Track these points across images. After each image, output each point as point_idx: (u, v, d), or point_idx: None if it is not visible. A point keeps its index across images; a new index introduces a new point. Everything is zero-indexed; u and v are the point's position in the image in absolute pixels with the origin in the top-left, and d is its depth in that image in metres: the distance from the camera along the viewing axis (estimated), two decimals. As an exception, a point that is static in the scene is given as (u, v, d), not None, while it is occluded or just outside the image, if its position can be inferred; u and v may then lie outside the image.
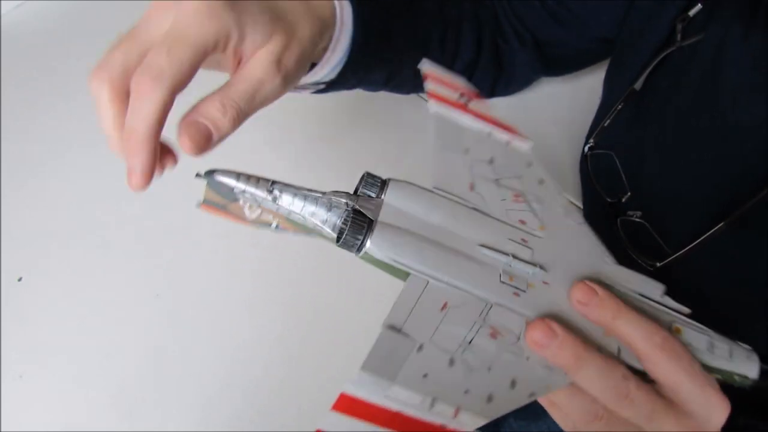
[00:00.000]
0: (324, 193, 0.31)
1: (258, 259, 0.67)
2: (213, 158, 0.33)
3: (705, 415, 0.29)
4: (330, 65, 0.43)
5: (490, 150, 0.36)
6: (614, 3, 0.52)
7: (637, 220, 0.47)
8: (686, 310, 0.32)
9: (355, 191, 0.32)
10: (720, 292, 0.43)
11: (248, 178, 0.31)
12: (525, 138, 0.37)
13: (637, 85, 0.48)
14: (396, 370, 0.28)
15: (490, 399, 0.29)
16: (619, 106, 0.50)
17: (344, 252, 0.31)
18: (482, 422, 0.28)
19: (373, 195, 0.32)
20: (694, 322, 0.32)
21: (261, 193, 0.31)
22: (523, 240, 0.32)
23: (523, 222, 0.33)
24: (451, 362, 0.29)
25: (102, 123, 0.33)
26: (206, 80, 0.33)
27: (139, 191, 0.31)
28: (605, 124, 0.51)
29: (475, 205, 0.33)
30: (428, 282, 0.30)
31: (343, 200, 0.31)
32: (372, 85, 0.52)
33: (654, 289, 0.33)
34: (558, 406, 0.30)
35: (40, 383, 0.59)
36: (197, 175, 0.31)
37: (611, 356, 0.30)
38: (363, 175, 0.32)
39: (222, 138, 0.32)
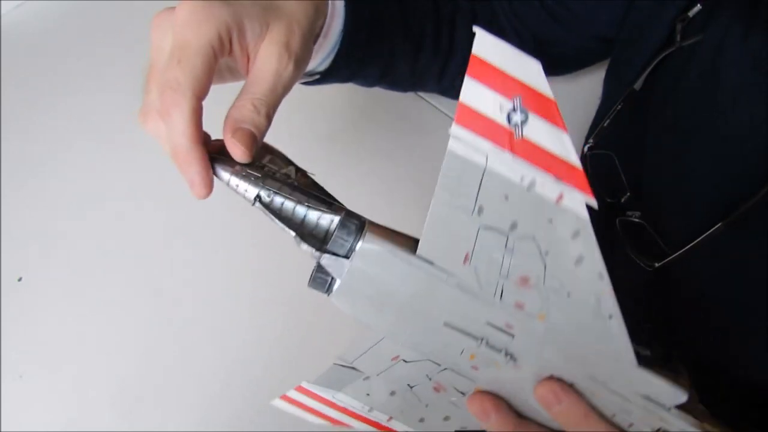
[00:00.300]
0: (296, 234, 0.30)
1: (258, 258, 0.67)
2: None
3: None
4: (322, 53, 0.43)
5: (517, 211, 0.26)
6: (614, 2, 0.52)
7: (636, 220, 0.46)
8: (697, 421, 0.30)
9: (332, 235, 0.29)
10: (719, 293, 0.43)
11: (237, 183, 0.30)
12: (588, 192, 0.26)
13: (637, 86, 0.48)
14: (342, 386, 0.33)
15: (422, 420, 0.32)
16: (619, 107, 0.50)
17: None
18: (411, 431, 0.33)
19: (347, 243, 0.28)
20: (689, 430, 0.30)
21: (248, 199, 0.31)
22: (508, 325, 0.29)
23: (520, 305, 0.28)
24: (393, 393, 0.32)
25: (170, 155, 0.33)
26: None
27: (204, 198, 0.31)
28: (605, 124, 0.51)
29: (461, 283, 0.28)
30: (383, 338, 0.30)
31: (309, 252, 0.29)
32: (366, 79, 0.52)
33: (671, 397, 0.29)
34: None
35: (40, 383, 0.59)
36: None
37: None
38: (341, 219, 0.29)
39: (263, 135, 0.32)
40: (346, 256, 0.28)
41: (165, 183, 0.69)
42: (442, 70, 0.57)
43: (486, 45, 0.23)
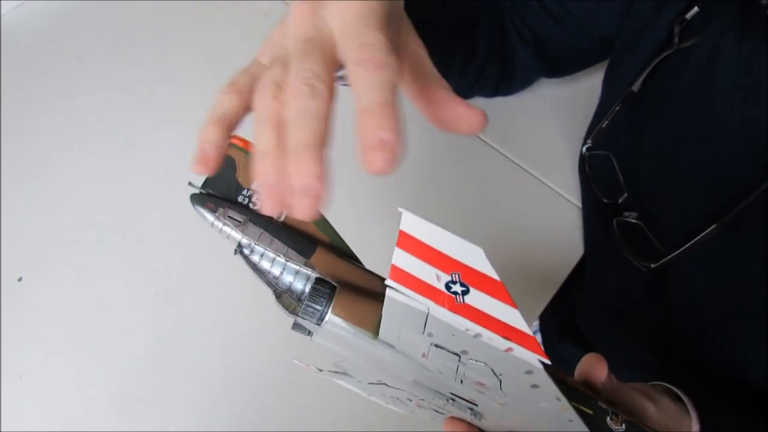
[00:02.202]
0: (273, 291, 0.32)
1: (258, 259, 0.67)
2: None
3: None
4: None
5: (467, 344, 0.25)
6: (613, 4, 0.52)
7: (633, 221, 0.47)
8: None
9: (304, 300, 0.30)
10: (714, 294, 0.44)
11: (223, 224, 0.31)
12: (541, 354, 0.24)
13: (635, 87, 0.49)
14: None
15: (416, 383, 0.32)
16: (617, 108, 0.50)
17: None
18: None
19: (315, 311, 0.30)
20: None
21: (234, 238, 0.31)
22: (472, 399, 0.30)
23: (481, 385, 0.28)
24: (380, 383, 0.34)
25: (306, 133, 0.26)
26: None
27: (388, 173, 0.24)
28: (603, 126, 0.51)
29: (424, 364, 0.28)
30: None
31: (285, 313, 0.31)
32: None
33: None
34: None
35: (40, 383, 0.59)
36: (189, 183, 0.31)
37: None
38: (311, 287, 0.30)
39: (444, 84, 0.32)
40: (318, 322, 0.29)
41: (165, 183, 0.69)
42: (464, 65, 0.57)
43: (414, 225, 0.23)
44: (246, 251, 0.30)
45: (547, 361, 0.25)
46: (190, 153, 0.42)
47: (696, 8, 0.44)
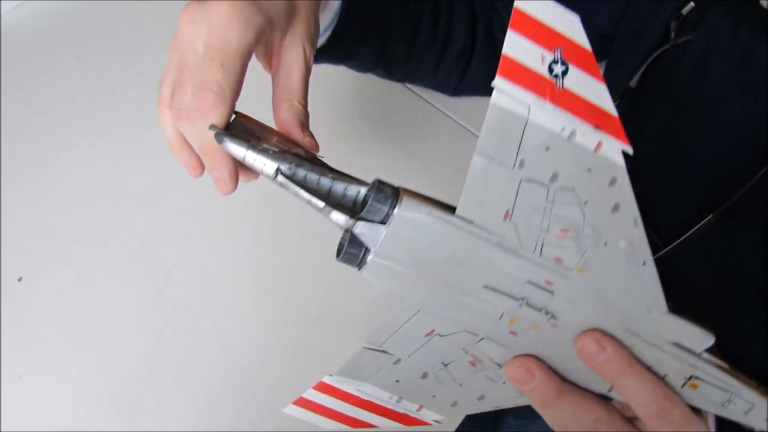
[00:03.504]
0: (323, 209, 0.28)
1: (258, 259, 0.67)
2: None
3: None
4: (321, 26, 0.44)
5: (558, 162, 0.26)
6: (613, 1, 0.52)
7: None
8: (724, 365, 0.30)
9: (363, 202, 0.29)
10: (711, 285, 0.44)
11: (256, 155, 0.29)
12: (623, 139, 0.27)
13: (632, 83, 0.49)
14: (369, 375, 0.30)
15: (454, 404, 0.30)
16: (615, 104, 0.50)
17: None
18: (442, 418, 0.30)
19: (383, 209, 0.27)
20: (723, 377, 0.31)
21: (268, 173, 0.29)
22: (547, 282, 0.28)
23: (559, 260, 0.28)
24: (425, 375, 0.30)
25: (172, 147, 0.35)
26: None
27: (230, 194, 0.33)
28: None
29: (501, 241, 0.27)
30: (418, 311, 0.29)
31: (343, 221, 0.28)
32: (361, 60, 0.52)
33: (698, 340, 0.30)
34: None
35: (40, 383, 0.59)
36: (211, 127, 0.30)
37: (593, 396, 0.30)
38: (373, 183, 0.28)
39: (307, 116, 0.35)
40: (383, 222, 0.27)
41: (165, 183, 0.69)
42: (439, 60, 0.57)
43: (524, 15, 0.24)
44: (288, 172, 0.29)
45: (630, 150, 0.27)
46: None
47: (692, 3, 0.45)
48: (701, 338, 0.29)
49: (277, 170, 0.29)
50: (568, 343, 0.29)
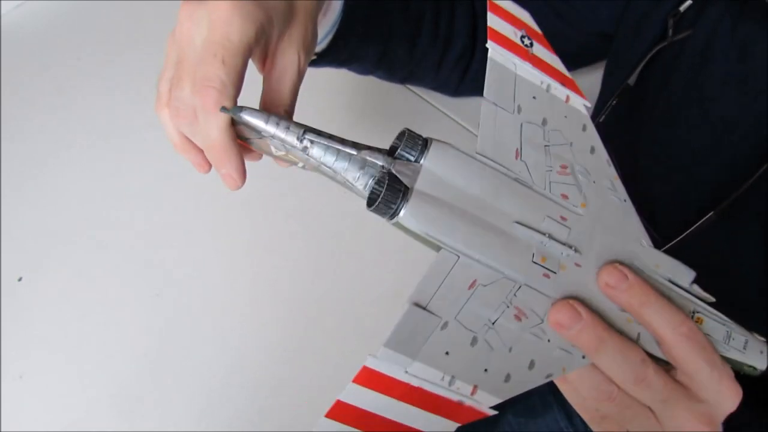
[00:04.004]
0: (358, 150, 0.30)
1: (258, 259, 0.67)
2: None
3: (716, 403, 0.29)
4: (321, 31, 0.43)
5: (544, 109, 0.33)
6: (613, 0, 0.52)
7: None
8: (711, 298, 0.32)
9: (392, 149, 0.30)
10: (712, 282, 0.44)
11: (278, 122, 0.30)
12: (582, 95, 0.35)
13: (631, 81, 0.49)
14: (418, 347, 0.28)
15: (507, 378, 0.29)
16: (614, 102, 0.50)
17: (344, 252, 0.31)
18: (497, 401, 0.29)
19: (413, 156, 0.29)
20: (716, 313, 0.32)
21: (291, 141, 0.30)
22: (562, 218, 0.31)
23: (565, 196, 0.31)
24: (474, 341, 0.29)
25: (176, 147, 0.35)
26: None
27: (239, 189, 0.33)
28: (600, 120, 0.51)
29: (518, 176, 0.31)
30: (459, 258, 0.29)
31: (380, 162, 0.29)
32: (363, 62, 0.52)
33: (684, 275, 0.32)
34: (570, 383, 0.30)
35: (40, 383, 0.59)
36: (222, 108, 0.30)
37: (631, 341, 0.30)
38: (403, 132, 0.30)
39: None
40: (419, 157, 0.29)
41: (165, 182, 0.69)
42: (440, 60, 0.57)
43: (497, 5, 0.34)
44: (310, 137, 0.30)
45: (588, 104, 0.35)
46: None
47: (689, 1, 0.45)
48: (686, 273, 0.32)
49: (305, 130, 0.30)
50: (593, 284, 0.31)
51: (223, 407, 0.60)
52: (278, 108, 0.34)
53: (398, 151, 0.30)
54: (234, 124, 0.31)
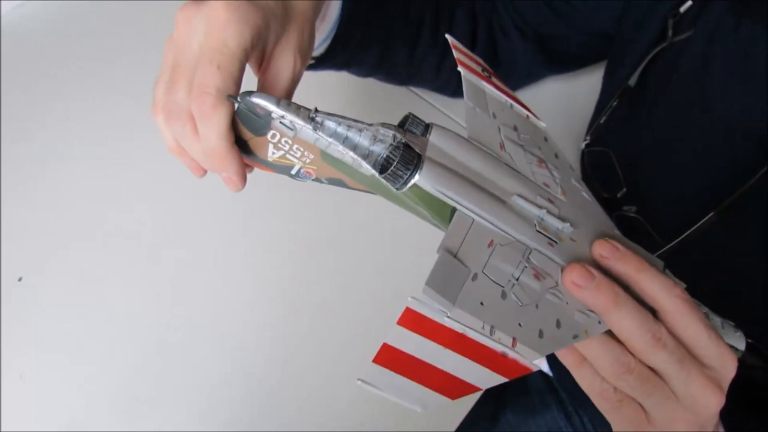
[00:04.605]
0: (370, 125, 0.31)
1: (258, 259, 0.67)
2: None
3: (720, 367, 0.30)
4: (320, 36, 0.43)
5: (513, 119, 0.37)
6: (614, 1, 0.52)
7: (632, 215, 0.47)
8: (683, 284, 0.33)
9: (401, 125, 0.33)
10: (712, 283, 0.44)
11: (288, 104, 0.30)
12: (537, 118, 0.39)
13: (631, 82, 0.49)
14: (455, 293, 0.28)
15: (541, 335, 0.29)
16: (614, 103, 0.50)
17: (344, 251, 0.31)
18: (537, 357, 0.29)
19: (421, 125, 0.32)
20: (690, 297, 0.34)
21: (301, 121, 0.30)
22: (550, 200, 0.33)
23: (547, 185, 0.34)
24: (503, 295, 0.29)
25: (172, 151, 0.35)
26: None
27: (240, 191, 0.33)
28: (601, 121, 0.51)
29: (507, 162, 0.33)
30: (474, 220, 0.31)
31: (391, 133, 0.31)
32: (362, 66, 0.52)
33: (655, 262, 0.33)
34: (586, 363, 0.31)
35: (40, 383, 0.59)
36: (229, 97, 0.30)
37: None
38: (407, 116, 0.32)
39: None
40: (425, 132, 0.32)
41: (166, 183, 0.69)
42: (440, 63, 0.57)
43: (454, 39, 0.39)
44: (320, 118, 0.30)
45: (544, 124, 0.39)
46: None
47: (690, 1, 0.45)
48: (657, 261, 0.34)
49: (315, 109, 0.30)
50: (587, 258, 0.32)
51: (223, 407, 0.60)
52: None
53: (406, 125, 0.32)
54: (233, 123, 0.31)
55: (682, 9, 0.45)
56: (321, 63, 0.46)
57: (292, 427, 0.60)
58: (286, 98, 0.31)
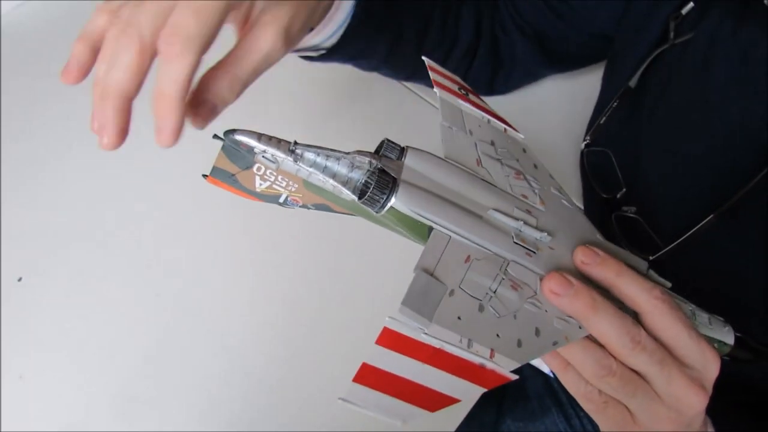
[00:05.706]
0: (347, 153, 0.32)
1: (258, 259, 0.67)
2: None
3: (701, 367, 0.30)
4: (331, 26, 0.43)
5: (490, 134, 0.38)
6: (613, 1, 0.52)
7: (632, 215, 0.47)
8: (668, 283, 0.34)
9: (376, 152, 0.33)
10: (713, 286, 0.44)
11: (269, 138, 0.31)
12: (516, 130, 0.40)
13: (632, 83, 0.49)
14: (432, 309, 0.29)
15: (519, 344, 0.30)
16: (614, 104, 0.50)
17: (344, 251, 0.31)
18: (516, 365, 0.29)
19: (394, 157, 0.33)
20: (676, 294, 0.34)
21: (282, 154, 0.31)
22: (528, 211, 0.34)
23: (525, 196, 0.35)
24: (481, 308, 0.30)
25: (120, 78, 0.32)
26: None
27: (169, 147, 0.31)
28: (601, 122, 0.51)
29: (484, 177, 0.34)
30: (450, 237, 0.31)
31: (367, 159, 0.32)
32: (371, 58, 0.52)
33: (639, 263, 0.34)
34: (571, 367, 0.31)
35: (40, 383, 0.59)
36: (215, 136, 0.31)
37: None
38: (383, 141, 0.33)
39: (225, 107, 0.32)
40: (400, 156, 0.33)
41: (165, 183, 0.69)
42: (446, 59, 0.57)
43: (436, 68, 0.40)
44: (300, 150, 0.31)
45: (522, 136, 0.40)
46: (190, 153, 0.42)
47: (691, 3, 0.45)
48: (641, 262, 0.34)
49: (295, 142, 0.31)
50: (568, 265, 0.33)
51: (223, 407, 0.60)
52: (228, 77, 0.31)
53: (381, 151, 0.33)
54: (222, 159, 0.32)
55: (684, 11, 0.46)
56: (331, 54, 0.46)
57: (293, 427, 0.60)
58: (263, 134, 0.31)
